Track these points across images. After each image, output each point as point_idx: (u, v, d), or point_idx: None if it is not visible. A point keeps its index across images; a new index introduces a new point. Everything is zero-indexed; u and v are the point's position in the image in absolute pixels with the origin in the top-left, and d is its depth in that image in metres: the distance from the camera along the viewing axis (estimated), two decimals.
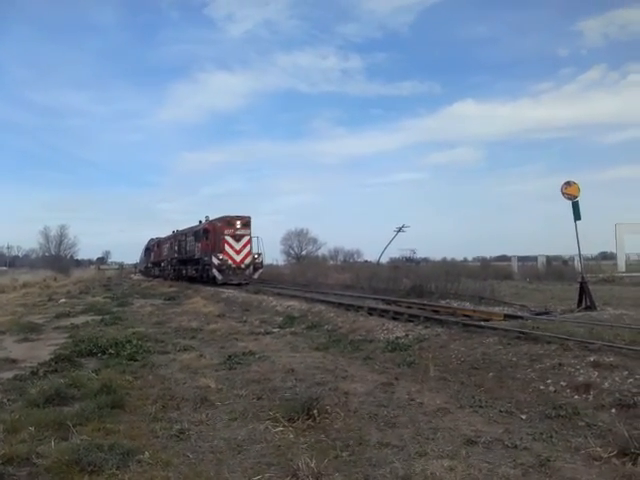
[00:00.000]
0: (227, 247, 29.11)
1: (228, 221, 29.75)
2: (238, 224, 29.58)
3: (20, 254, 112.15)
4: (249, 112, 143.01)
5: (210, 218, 32.49)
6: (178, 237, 39.40)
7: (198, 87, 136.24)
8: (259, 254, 30.26)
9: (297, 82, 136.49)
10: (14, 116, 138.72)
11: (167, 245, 43.93)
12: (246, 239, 29.70)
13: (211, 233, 30.62)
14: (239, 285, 27.23)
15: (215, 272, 28.50)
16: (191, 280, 33.39)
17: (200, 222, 34.01)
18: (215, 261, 28.63)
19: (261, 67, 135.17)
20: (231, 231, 29.39)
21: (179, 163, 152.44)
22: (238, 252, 29.31)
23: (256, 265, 29.99)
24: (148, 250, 56.41)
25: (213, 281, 28.78)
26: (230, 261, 28.90)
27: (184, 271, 36.32)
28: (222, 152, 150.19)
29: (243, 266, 29.28)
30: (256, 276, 29.76)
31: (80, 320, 15.01)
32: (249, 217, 30.53)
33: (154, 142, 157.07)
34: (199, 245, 32.17)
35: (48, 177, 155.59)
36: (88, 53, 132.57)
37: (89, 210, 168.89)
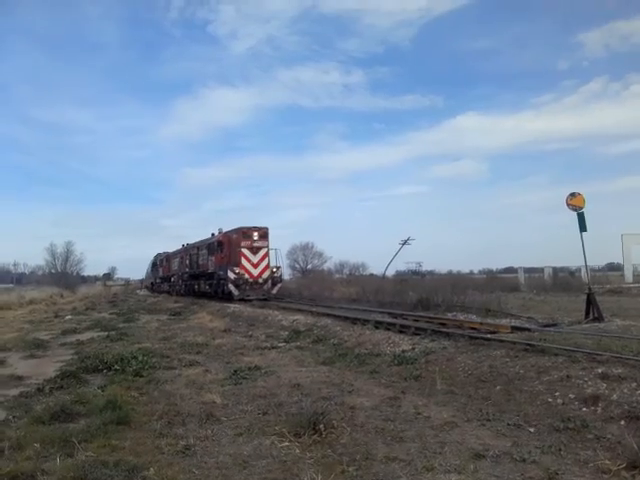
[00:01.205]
0: (244, 260, 26.92)
1: (244, 232, 27.47)
2: (255, 235, 27.39)
3: (27, 271, 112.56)
4: (252, 127, 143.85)
5: (224, 230, 30.51)
6: (189, 251, 37.25)
7: (201, 103, 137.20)
8: (278, 267, 28.18)
9: (299, 97, 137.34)
10: (18, 133, 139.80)
11: (177, 259, 41.95)
12: (264, 251, 27.55)
13: (226, 245, 28.61)
14: (255, 300, 25.15)
15: (231, 287, 26.47)
16: (204, 296, 31.38)
17: (213, 235, 32.30)
18: (231, 275, 26.53)
19: (264, 83, 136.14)
20: (248, 243, 27.20)
21: (183, 179, 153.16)
22: (255, 265, 27.18)
23: (275, 279, 27.79)
24: (155, 265, 54.48)
25: (229, 297, 26.74)
26: (247, 275, 26.75)
27: (196, 286, 34.12)
28: (225, 168, 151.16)
29: (261, 280, 27.18)
30: (275, 291, 27.60)
31: (86, 336, 15.05)
32: (267, 228, 28.25)
33: (158, 158, 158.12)
34: (213, 259, 30.23)
35: (53, 194, 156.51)
36: (91, 70, 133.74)
37: (95, 227, 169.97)
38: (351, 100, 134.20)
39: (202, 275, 32.80)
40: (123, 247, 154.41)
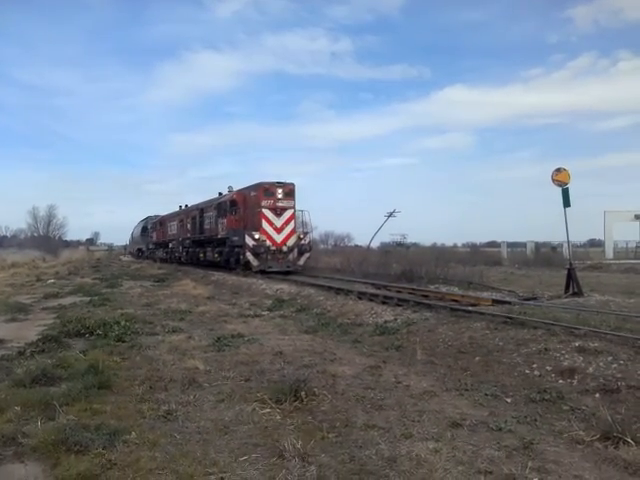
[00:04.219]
0: (265, 223, 22.14)
1: (266, 189, 22.47)
2: (279, 193, 22.40)
3: (8, 234, 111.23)
4: (238, 94, 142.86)
5: (225, 192, 26.53)
6: (191, 213, 32.07)
7: (186, 67, 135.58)
8: (305, 233, 23.36)
9: (286, 64, 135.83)
10: (0, 94, 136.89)
11: (175, 223, 36.58)
12: (289, 213, 22.66)
13: (241, 205, 24.00)
14: (278, 273, 21.37)
15: (249, 256, 21.86)
16: (211, 266, 27.24)
17: (220, 194, 27.76)
18: (250, 242, 21.78)
19: (250, 48, 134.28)
20: (270, 202, 22.30)
21: (168, 144, 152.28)
22: (279, 230, 22.33)
23: (302, 248, 22.83)
24: (146, 230, 49.30)
25: (245, 268, 22.35)
26: (269, 242, 22.07)
27: (201, 254, 29.10)
28: (211, 134, 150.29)
29: (285, 249, 22.41)
30: (302, 262, 23.00)
31: (68, 301, 14.97)
32: (293, 184, 23.07)
33: (143, 123, 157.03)
34: (224, 222, 25.07)
35: (37, 157, 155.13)
36: (76, 30, 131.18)
37: (78, 191, 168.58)
38: (339, 69, 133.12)
39: (209, 241, 27.93)
40: (107, 212, 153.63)
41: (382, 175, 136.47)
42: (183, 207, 36.48)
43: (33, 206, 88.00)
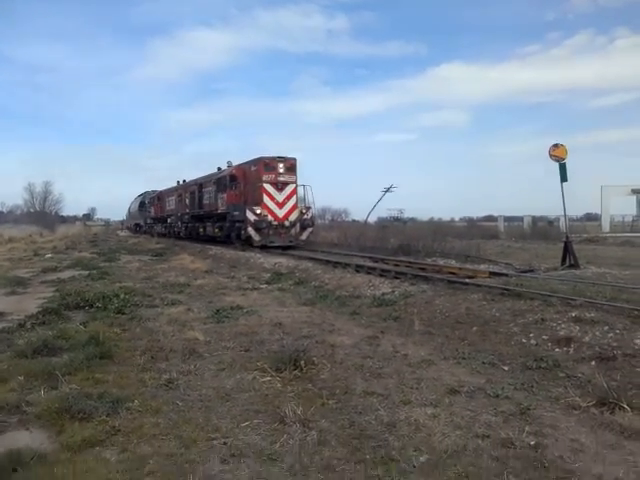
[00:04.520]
0: (266, 198, 22.02)
1: (266, 163, 22.31)
2: (281, 167, 22.21)
3: (4, 210, 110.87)
4: (231, 70, 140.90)
5: (224, 166, 26.30)
6: (190, 188, 31.87)
7: (177, 43, 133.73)
8: (308, 208, 23.16)
9: (280, 40, 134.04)
10: None
11: (174, 198, 36.27)
12: (291, 188, 22.52)
13: (241, 180, 23.89)
14: (277, 247, 21.32)
15: (251, 231, 21.71)
16: (211, 241, 26.93)
17: (219, 169, 27.41)
18: (251, 216, 21.67)
19: (242, 23, 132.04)
20: (271, 177, 22.14)
21: (163, 121, 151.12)
22: (281, 205, 22.22)
23: (304, 222, 22.75)
24: (144, 205, 49.24)
25: (246, 242, 22.26)
26: (270, 217, 21.96)
27: (201, 229, 28.81)
28: (205, 110, 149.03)
29: (287, 224, 22.28)
30: (304, 237, 22.86)
31: (67, 275, 14.99)
32: (294, 158, 22.89)
33: (137, 100, 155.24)
34: (224, 196, 24.87)
35: (32, 133, 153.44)
36: (67, 5, 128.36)
37: (74, 167, 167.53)
38: (335, 46, 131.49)
39: (209, 216, 27.71)
40: (103, 188, 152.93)
41: (380, 150, 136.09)
42: (181, 182, 36.25)
43: (29, 182, 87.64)
